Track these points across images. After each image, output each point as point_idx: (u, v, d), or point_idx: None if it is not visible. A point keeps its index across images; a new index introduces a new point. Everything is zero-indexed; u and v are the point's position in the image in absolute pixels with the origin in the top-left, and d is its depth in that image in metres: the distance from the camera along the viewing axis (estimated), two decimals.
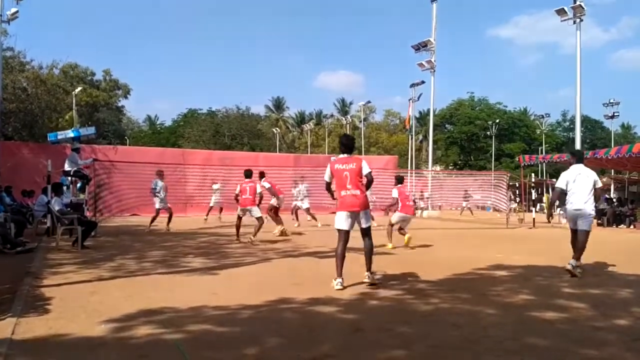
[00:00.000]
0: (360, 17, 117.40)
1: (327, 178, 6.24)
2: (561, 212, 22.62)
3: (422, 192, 23.27)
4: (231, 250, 9.64)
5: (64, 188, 11.66)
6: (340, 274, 5.80)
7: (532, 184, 24.73)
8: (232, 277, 6.71)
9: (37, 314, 4.45)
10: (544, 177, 39.67)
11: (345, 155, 6.23)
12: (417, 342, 3.74)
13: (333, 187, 6.32)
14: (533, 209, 20.67)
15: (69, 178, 12.48)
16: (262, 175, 12.84)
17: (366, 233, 6.07)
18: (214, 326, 4.13)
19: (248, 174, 11.37)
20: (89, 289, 5.63)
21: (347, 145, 6.33)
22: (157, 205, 14.03)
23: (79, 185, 12.55)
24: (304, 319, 4.42)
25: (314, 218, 16.31)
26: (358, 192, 5.99)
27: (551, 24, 78.54)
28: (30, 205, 14.72)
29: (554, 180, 13.16)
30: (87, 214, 11.75)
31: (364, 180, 6.08)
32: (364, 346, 3.67)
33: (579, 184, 6.95)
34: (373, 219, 8.36)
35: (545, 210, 29.95)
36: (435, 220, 20.05)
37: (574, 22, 19.76)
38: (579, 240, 6.88)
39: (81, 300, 5.00)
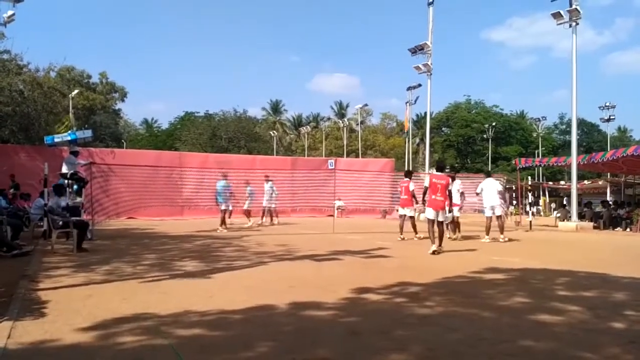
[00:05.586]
0: (356, 20, 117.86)
1: (426, 184, 9.69)
2: (557, 214, 22.58)
3: None
4: (226, 253, 9.64)
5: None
6: (433, 242, 9.41)
7: (529, 187, 24.76)
8: (227, 280, 6.70)
9: (33, 318, 4.43)
10: (541, 180, 39.77)
11: (439, 173, 10.03)
12: (412, 345, 3.75)
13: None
14: (529, 212, 20.70)
15: (66, 181, 12.42)
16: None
17: (440, 224, 9.62)
18: (209, 330, 4.13)
19: (406, 173, 12.59)
20: (85, 292, 5.63)
21: (440, 167, 10.67)
22: (247, 206, 17.02)
23: (75, 187, 12.49)
24: (299, 322, 4.42)
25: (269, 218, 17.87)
26: (442, 198, 9.49)
27: (545, 26, 78.81)
28: (26, 209, 14.68)
29: (550, 183, 13.32)
30: (84, 216, 11.72)
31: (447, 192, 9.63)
32: (359, 349, 3.68)
33: None
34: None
35: (542, 214, 30.01)
36: None
37: (570, 26, 19.81)
38: None
39: (77, 304, 5.00)
